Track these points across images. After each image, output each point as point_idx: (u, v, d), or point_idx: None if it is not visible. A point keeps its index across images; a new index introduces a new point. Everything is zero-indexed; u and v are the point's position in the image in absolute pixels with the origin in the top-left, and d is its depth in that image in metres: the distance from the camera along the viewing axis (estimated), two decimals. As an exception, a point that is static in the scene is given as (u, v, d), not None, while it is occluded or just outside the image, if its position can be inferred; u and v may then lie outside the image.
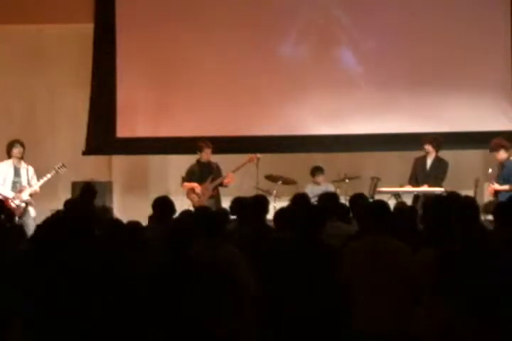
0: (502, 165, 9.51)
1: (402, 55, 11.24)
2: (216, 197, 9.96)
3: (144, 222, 6.20)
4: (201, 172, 10.31)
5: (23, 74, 11.51)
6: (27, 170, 9.57)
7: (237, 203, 6.67)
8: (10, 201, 8.84)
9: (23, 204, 9.31)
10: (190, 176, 10.26)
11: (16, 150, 9.51)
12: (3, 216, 6.94)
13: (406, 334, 5.02)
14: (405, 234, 5.60)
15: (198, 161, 10.20)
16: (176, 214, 6.58)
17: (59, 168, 9.23)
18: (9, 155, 9.55)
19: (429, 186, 9.79)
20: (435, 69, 11.16)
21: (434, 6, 11.19)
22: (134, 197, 10.73)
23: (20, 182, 9.37)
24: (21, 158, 9.55)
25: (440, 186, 9.68)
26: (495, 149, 9.55)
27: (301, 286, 5.24)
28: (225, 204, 8.51)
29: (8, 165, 9.50)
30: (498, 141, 9.62)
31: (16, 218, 8.50)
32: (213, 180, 10.16)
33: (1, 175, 9.46)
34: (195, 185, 10.15)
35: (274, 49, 11.24)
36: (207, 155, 10.34)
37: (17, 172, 9.45)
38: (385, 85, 11.24)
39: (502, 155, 9.52)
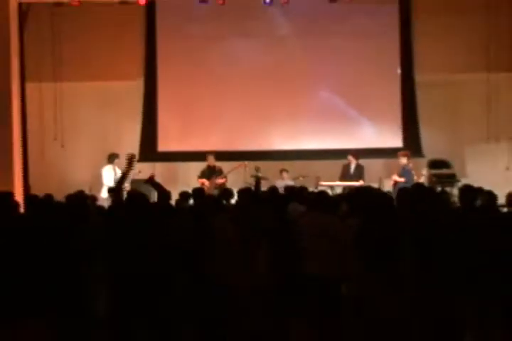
0: (403, 168, 11.51)
1: (333, 94, 12.70)
2: (220, 189, 10.77)
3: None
4: (209, 173, 11.92)
5: (98, 116, 13.18)
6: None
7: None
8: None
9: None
10: (201, 175, 11.94)
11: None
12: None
13: (342, 277, 5.50)
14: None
15: (208, 166, 11.99)
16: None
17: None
18: (111, 162, 11.35)
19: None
20: (351, 105, 12.88)
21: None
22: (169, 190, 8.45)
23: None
24: None
25: (363, 181, 11.43)
26: (404, 156, 11.36)
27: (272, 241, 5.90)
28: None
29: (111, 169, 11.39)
30: (405, 151, 11.71)
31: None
32: (216, 177, 11.85)
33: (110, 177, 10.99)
34: (204, 180, 11.84)
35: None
36: (210, 161, 11.80)
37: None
38: (322, 115, 12.88)
39: (404, 160, 11.45)
